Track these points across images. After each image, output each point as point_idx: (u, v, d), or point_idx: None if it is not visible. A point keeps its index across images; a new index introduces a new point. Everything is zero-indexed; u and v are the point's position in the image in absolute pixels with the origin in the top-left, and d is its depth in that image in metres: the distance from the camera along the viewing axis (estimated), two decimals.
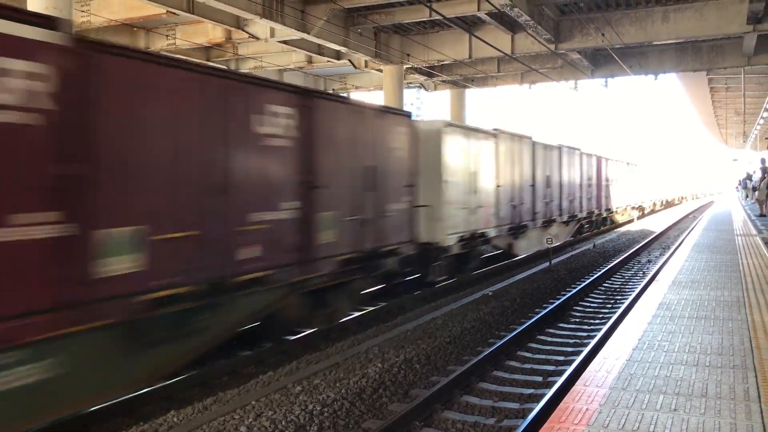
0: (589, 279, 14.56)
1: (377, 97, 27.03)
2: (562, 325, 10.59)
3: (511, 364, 8.38)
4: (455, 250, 13.64)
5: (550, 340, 9.66)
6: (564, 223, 22.07)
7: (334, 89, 28.58)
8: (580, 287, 13.13)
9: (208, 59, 22.22)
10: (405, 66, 22.91)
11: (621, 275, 15.98)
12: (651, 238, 25.02)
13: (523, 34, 20.31)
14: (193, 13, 16.41)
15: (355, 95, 28.57)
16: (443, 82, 28.03)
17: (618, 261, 17.40)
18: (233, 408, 6.47)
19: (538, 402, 6.54)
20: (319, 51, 21.85)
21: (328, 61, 22.89)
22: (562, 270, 16.00)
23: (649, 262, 18.33)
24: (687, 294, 7.33)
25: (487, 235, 15.33)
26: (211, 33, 19.93)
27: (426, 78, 27.18)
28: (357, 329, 10.21)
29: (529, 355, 8.85)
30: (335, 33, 18.87)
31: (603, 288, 14.09)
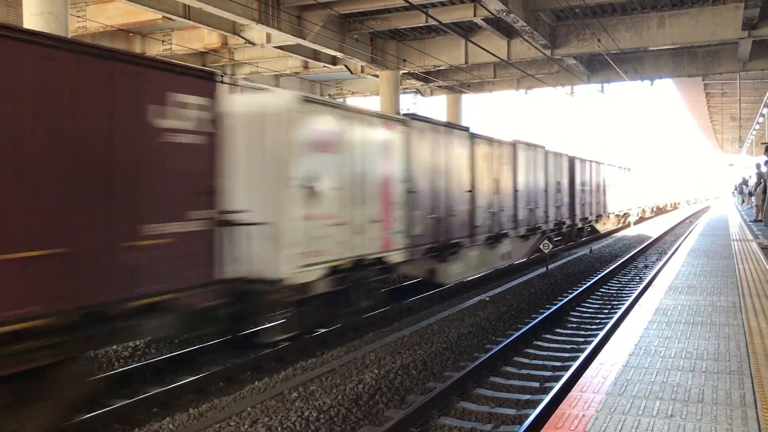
0: (585, 284, 14.56)
1: (374, 103, 27.01)
2: (558, 330, 10.59)
3: (508, 369, 8.37)
4: (321, 289, 9.21)
5: (546, 345, 9.65)
6: (522, 238, 18.14)
7: (330, 95, 28.59)
8: (576, 292, 13.13)
9: (204, 65, 22.20)
10: (401, 71, 22.90)
11: (618, 280, 15.98)
12: (648, 243, 25.04)
13: (519, 39, 20.33)
14: (189, 19, 16.40)
15: (351, 101, 28.58)
16: (439, 87, 28.05)
17: (615, 266, 17.40)
18: (229, 415, 6.44)
19: (535, 408, 6.52)
20: (315, 56, 21.85)
21: (324, 66, 22.88)
22: (558, 275, 16.00)
23: (646, 267, 18.34)
24: (683, 299, 7.33)
25: (388, 260, 10.95)
26: (207, 38, 19.91)
27: (422, 83, 27.18)
28: (353, 335, 10.19)
29: (526, 360, 8.83)
30: (331, 38, 18.88)
31: (600, 293, 14.09)
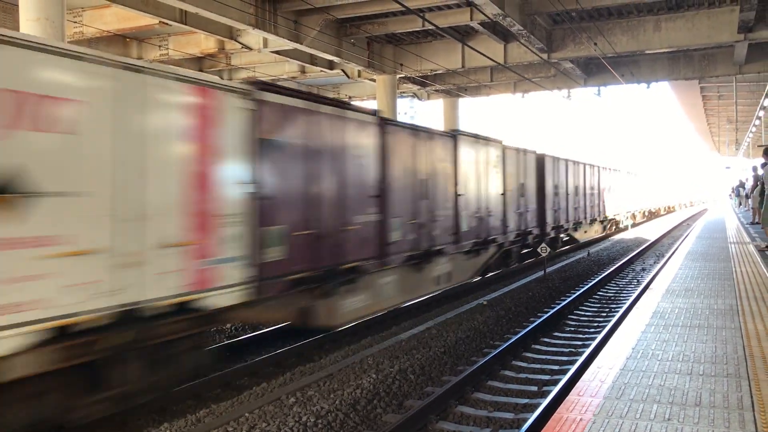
0: (583, 288, 14.56)
1: (371, 107, 26.98)
2: (557, 333, 10.58)
3: (506, 373, 8.36)
4: (23, 369, 5.14)
5: (545, 349, 9.65)
6: (468, 254, 14.02)
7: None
8: (574, 296, 13.13)
9: (201, 70, 22.22)
10: (398, 75, 22.94)
11: (615, 283, 15.99)
12: (645, 246, 25.07)
13: (515, 43, 20.38)
14: (185, 24, 16.43)
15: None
16: (436, 91, 28.09)
17: (612, 269, 17.41)
18: (226, 420, 6.43)
19: (533, 412, 6.52)
20: (312, 61, 21.88)
21: (321, 71, 22.92)
22: (556, 279, 16.00)
23: (644, 270, 18.35)
24: (681, 302, 7.33)
25: (204, 306, 6.62)
26: (203, 43, 19.94)
27: (419, 87, 27.23)
28: (351, 339, 10.18)
29: (524, 364, 8.83)
30: (328, 43, 18.91)
31: (597, 296, 14.10)
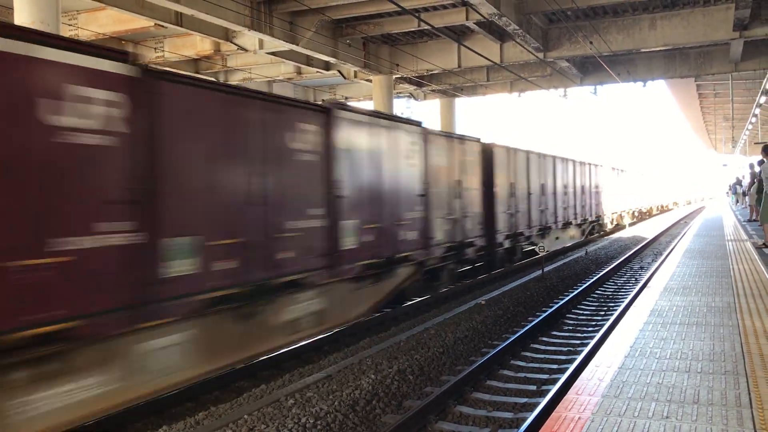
0: (581, 287, 14.56)
1: (367, 107, 26.96)
2: (555, 333, 10.59)
3: (505, 373, 8.36)
4: None
5: (543, 348, 9.65)
6: (357, 281, 9.89)
7: (323, 100, 28.61)
8: (572, 295, 13.13)
9: (197, 71, 22.21)
10: (394, 76, 22.96)
11: (613, 282, 16.00)
12: (643, 244, 25.09)
13: (511, 43, 20.39)
14: (181, 26, 16.42)
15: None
16: (433, 91, 28.11)
17: (610, 268, 17.42)
18: (225, 422, 6.42)
19: (532, 411, 6.52)
20: (308, 62, 21.89)
21: (318, 71, 22.93)
22: (554, 278, 15.99)
23: (641, 268, 18.37)
24: (678, 300, 7.34)
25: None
26: (199, 45, 19.94)
27: (415, 88, 27.24)
28: (350, 341, 10.18)
29: (522, 363, 8.83)
30: (324, 44, 18.92)
31: (596, 295, 14.10)
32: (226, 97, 7.41)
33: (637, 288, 13.77)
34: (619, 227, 35.59)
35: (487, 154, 16.12)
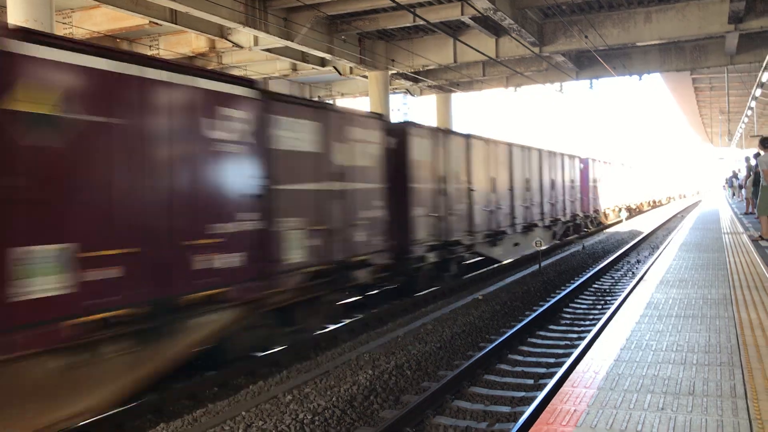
0: (578, 281, 14.59)
1: (364, 104, 26.98)
2: (552, 326, 10.61)
3: (502, 367, 8.38)
4: None
5: (540, 342, 9.67)
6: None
7: (319, 96, 28.59)
8: (569, 289, 13.16)
9: None
10: (390, 72, 22.92)
11: (611, 276, 16.03)
12: (640, 238, 25.14)
13: (507, 37, 20.38)
14: (176, 24, 16.38)
15: (341, 102, 28.57)
16: (429, 87, 28.09)
17: (607, 262, 17.45)
18: (223, 419, 6.43)
19: (530, 405, 6.53)
20: (304, 58, 21.84)
21: (313, 68, 22.88)
22: (551, 272, 16.02)
23: (638, 262, 18.40)
24: (675, 293, 7.35)
25: None
26: (194, 43, 19.91)
27: (412, 83, 27.21)
28: (347, 336, 10.18)
29: (520, 357, 8.85)
30: (319, 40, 18.88)
31: (593, 289, 14.13)
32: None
33: (634, 281, 13.80)
34: (604, 227, 32.55)
35: (396, 136, 12.18)
